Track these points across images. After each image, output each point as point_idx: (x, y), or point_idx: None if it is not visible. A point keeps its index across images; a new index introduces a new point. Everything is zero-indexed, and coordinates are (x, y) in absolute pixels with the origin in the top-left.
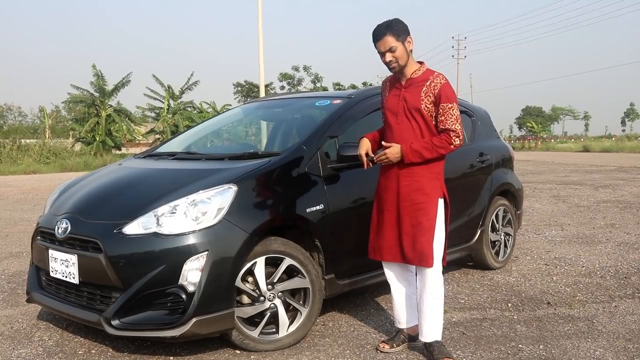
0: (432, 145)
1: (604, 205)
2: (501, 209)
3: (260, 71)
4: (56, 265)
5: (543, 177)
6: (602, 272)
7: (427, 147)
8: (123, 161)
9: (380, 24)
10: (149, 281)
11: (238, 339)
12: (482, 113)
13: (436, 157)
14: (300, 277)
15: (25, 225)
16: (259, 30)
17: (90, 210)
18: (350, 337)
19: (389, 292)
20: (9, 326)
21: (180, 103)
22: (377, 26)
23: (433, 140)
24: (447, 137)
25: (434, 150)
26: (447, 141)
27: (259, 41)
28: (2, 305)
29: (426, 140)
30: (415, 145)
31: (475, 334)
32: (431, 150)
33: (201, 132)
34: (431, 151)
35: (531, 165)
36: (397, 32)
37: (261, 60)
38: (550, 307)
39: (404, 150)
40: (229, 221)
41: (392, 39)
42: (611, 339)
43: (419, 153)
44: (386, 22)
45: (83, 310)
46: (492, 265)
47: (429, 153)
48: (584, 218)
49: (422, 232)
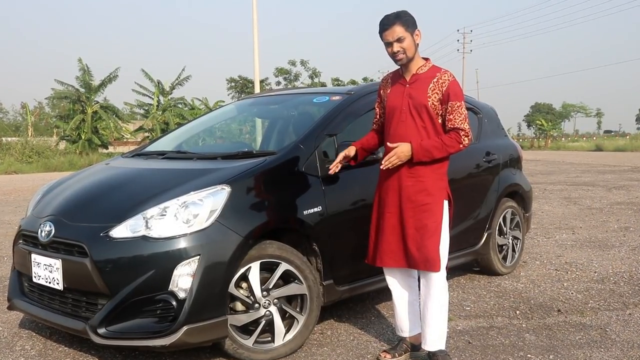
0: (443, 144)
1: (617, 207)
2: (509, 211)
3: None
4: (39, 271)
5: (553, 177)
6: (615, 278)
7: (437, 146)
8: (110, 160)
9: (388, 14)
10: (138, 287)
11: (231, 348)
12: (489, 110)
13: (444, 157)
14: (297, 283)
15: (7, 229)
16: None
17: (75, 212)
18: (350, 346)
19: (391, 298)
20: None
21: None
22: (386, 16)
23: (443, 139)
24: (456, 136)
25: (444, 150)
26: (456, 140)
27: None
28: None
29: (436, 139)
30: (426, 143)
31: (481, 343)
32: (441, 149)
33: (193, 130)
34: (441, 150)
35: (541, 165)
36: (406, 23)
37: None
38: (561, 315)
39: (414, 148)
40: (222, 224)
41: (401, 28)
42: (625, 348)
43: (429, 152)
44: (395, 12)
45: (68, 317)
46: (500, 271)
47: (438, 152)
48: (596, 221)
49: (428, 235)
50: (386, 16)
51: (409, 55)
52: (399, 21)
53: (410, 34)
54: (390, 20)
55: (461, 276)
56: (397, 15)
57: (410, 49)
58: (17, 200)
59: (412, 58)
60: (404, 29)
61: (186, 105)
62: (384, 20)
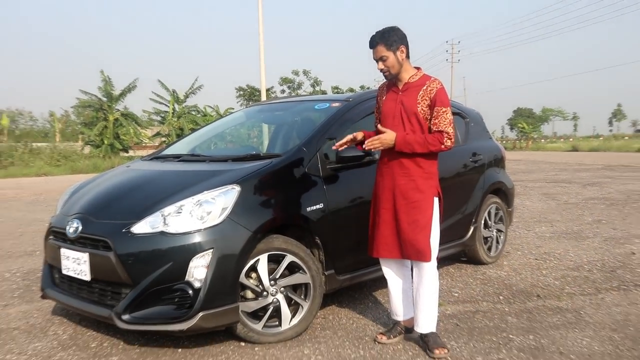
0: (425, 141)
1: (591, 202)
2: (493, 206)
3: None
4: (68, 263)
5: (533, 175)
6: (589, 266)
7: (419, 142)
8: (131, 163)
9: (374, 34)
10: (157, 278)
11: (243, 332)
12: (474, 115)
13: (425, 153)
14: (301, 273)
15: (38, 225)
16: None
17: (100, 210)
18: (350, 329)
19: (386, 286)
20: (24, 321)
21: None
22: (371, 36)
23: (427, 137)
24: (439, 137)
25: (425, 146)
26: (439, 140)
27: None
28: (18, 301)
29: (420, 136)
30: (409, 137)
31: (468, 325)
32: (423, 145)
33: (205, 135)
34: (422, 146)
35: (522, 164)
36: (389, 42)
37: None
38: (540, 300)
39: (397, 139)
40: (233, 220)
41: (383, 48)
42: (597, 329)
43: (410, 145)
44: (381, 31)
45: (95, 305)
46: (485, 260)
47: (420, 147)
48: (572, 215)
49: (419, 229)
50: (372, 36)
51: (392, 72)
52: (382, 42)
53: (392, 52)
54: (374, 41)
55: (450, 265)
56: (381, 35)
57: (394, 66)
58: (47, 200)
59: (397, 73)
60: (385, 49)
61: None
62: (370, 40)
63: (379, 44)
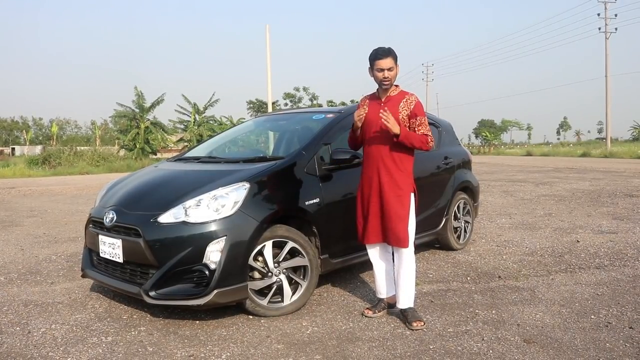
0: (420, 139)
1: (543, 198)
2: (462, 201)
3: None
4: (105, 248)
5: (495, 176)
6: (541, 252)
7: (416, 138)
8: (158, 164)
9: (383, 47)
10: (179, 260)
11: (251, 307)
12: (446, 124)
13: (406, 154)
14: (300, 257)
15: (80, 216)
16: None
17: (131, 203)
18: (341, 305)
19: (372, 269)
20: (67, 296)
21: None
22: (381, 48)
23: (420, 136)
24: (426, 139)
25: (419, 142)
26: (426, 141)
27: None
28: (62, 279)
29: (417, 134)
30: (410, 133)
31: (441, 302)
32: (418, 141)
33: (221, 141)
34: (418, 142)
35: (485, 166)
36: (395, 57)
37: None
38: (501, 280)
39: (402, 130)
40: (243, 212)
41: (392, 60)
42: (549, 304)
43: (410, 139)
44: (387, 47)
45: (126, 283)
46: (455, 247)
47: (417, 142)
48: (527, 209)
49: (399, 220)
50: (382, 48)
51: (392, 82)
52: (391, 55)
53: (396, 66)
54: (386, 52)
55: (425, 251)
56: (390, 50)
57: (394, 78)
58: (88, 194)
59: (391, 85)
60: (393, 62)
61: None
62: (381, 51)
63: (390, 55)
